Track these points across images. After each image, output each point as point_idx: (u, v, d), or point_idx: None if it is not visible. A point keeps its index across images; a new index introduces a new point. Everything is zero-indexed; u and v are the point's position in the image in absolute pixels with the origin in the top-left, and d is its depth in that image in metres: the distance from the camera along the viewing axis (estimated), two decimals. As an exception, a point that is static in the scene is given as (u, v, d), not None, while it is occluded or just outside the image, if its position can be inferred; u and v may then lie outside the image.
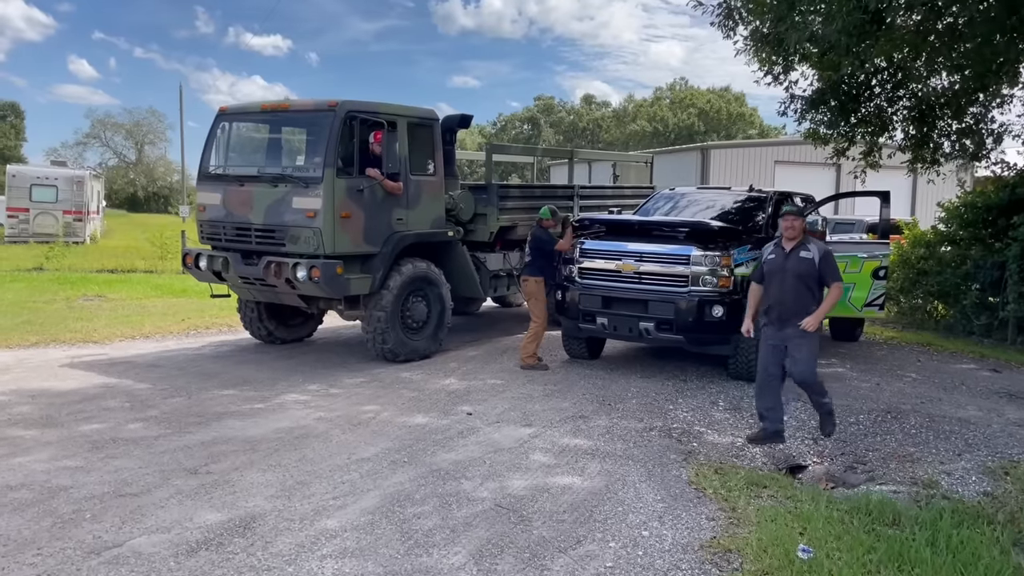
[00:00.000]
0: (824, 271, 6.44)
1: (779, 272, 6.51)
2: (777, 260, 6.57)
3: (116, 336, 10.90)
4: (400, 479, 5.60)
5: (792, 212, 6.62)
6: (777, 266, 6.54)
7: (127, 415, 7.13)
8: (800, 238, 6.51)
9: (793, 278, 6.43)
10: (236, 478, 5.59)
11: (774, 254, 6.63)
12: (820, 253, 6.45)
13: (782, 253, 6.55)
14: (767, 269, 6.64)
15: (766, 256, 6.73)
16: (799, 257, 6.45)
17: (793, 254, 6.48)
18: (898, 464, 6.37)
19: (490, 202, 10.61)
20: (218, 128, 9.81)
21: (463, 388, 8.32)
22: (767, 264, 6.66)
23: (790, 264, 6.47)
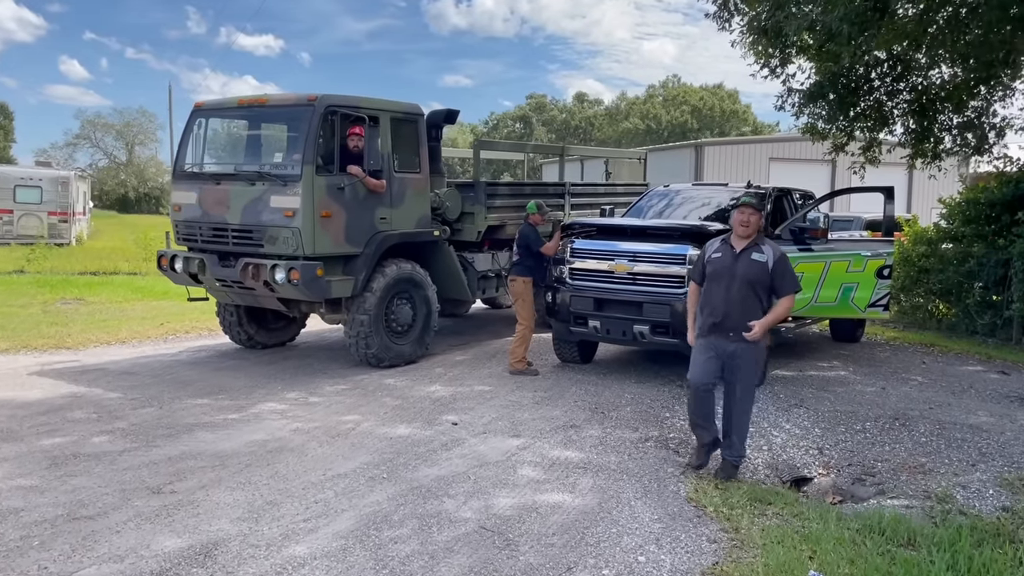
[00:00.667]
0: (778, 279, 5.56)
1: (725, 275, 5.57)
2: (724, 261, 5.63)
3: (91, 342, 10.48)
4: (378, 498, 5.21)
5: (749, 204, 5.62)
6: (723, 268, 5.60)
7: (92, 427, 6.72)
8: (754, 237, 5.63)
9: (742, 284, 5.52)
10: (201, 498, 5.19)
11: (720, 252, 5.69)
12: (775, 257, 5.57)
13: (730, 253, 5.63)
14: (711, 270, 5.68)
15: (710, 254, 5.77)
16: (751, 260, 5.55)
17: (744, 255, 5.58)
18: (909, 476, 6.00)
19: (478, 200, 10.22)
20: (194, 124, 9.39)
21: (449, 395, 7.93)
22: (711, 264, 5.70)
23: (740, 267, 5.55)
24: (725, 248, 5.68)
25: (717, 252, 5.71)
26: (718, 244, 5.78)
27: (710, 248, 5.82)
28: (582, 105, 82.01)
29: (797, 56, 12.84)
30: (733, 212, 5.72)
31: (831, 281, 8.77)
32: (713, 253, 5.74)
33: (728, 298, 5.54)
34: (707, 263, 5.74)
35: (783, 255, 5.62)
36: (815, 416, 7.38)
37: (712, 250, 5.77)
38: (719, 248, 5.73)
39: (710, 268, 5.69)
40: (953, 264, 12.58)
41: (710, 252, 5.78)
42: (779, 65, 12.82)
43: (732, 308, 5.54)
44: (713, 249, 5.77)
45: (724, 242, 5.73)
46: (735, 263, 5.57)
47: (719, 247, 5.74)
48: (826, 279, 8.74)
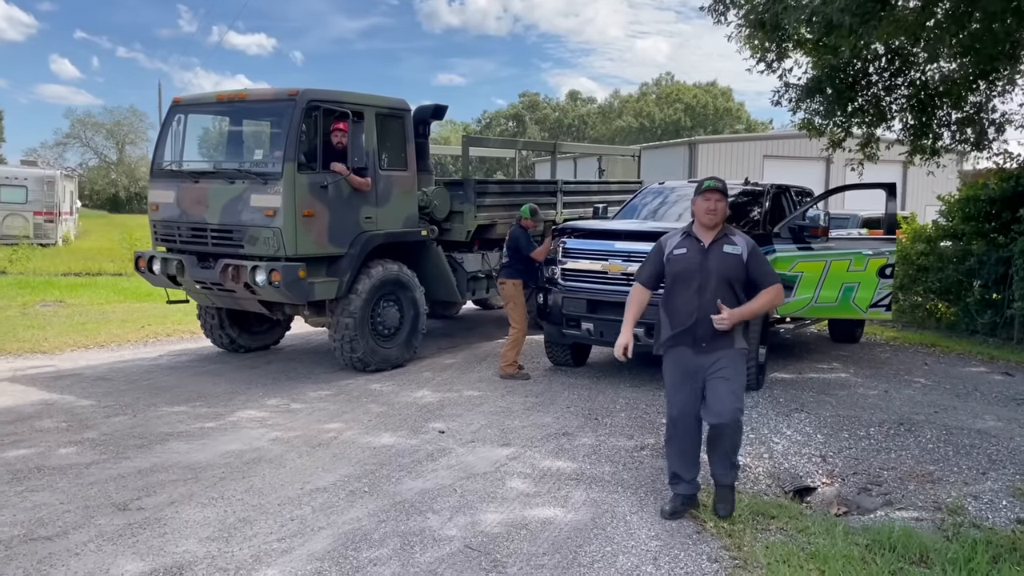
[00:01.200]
0: (756, 270, 4.81)
1: (696, 274, 4.77)
2: (690, 257, 4.81)
3: (68, 345, 10.15)
4: (358, 514, 4.91)
5: (714, 188, 4.83)
6: (691, 265, 4.79)
7: (61, 437, 6.40)
8: (722, 227, 4.86)
9: (718, 282, 4.74)
10: (170, 515, 4.88)
11: (685, 248, 4.85)
12: (748, 247, 4.84)
13: (697, 247, 4.82)
14: (675, 269, 4.85)
15: (671, 250, 4.90)
16: (723, 253, 4.78)
17: (715, 249, 4.80)
18: (917, 485, 5.72)
19: (467, 199, 9.91)
20: (172, 120, 9.07)
21: (436, 401, 7.63)
22: (675, 262, 4.85)
23: (712, 262, 4.76)
24: (690, 243, 4.85)
25: (680, 248, 4.86)
26: (678, 239, 4.90)
27: (669, 243, 4.93)
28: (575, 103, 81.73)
29: (794, 50, 12.56)
30: (696, 199, 4.85)
31: (831, 281, 8.49)
32: (675, 249, 4.87)
33: (702, 301, 4.73)
34: (668, 261, 4.88)
35: (755, 244, 4.88)
36: (817, 421, 7.10)
37: (672, 246, 4.90)
38: (681, 243, 4.88)
39: (674, 267, 4.85)
40: (953, 262, 12.33)
41: (670, 248, 4.90)
42: (776, 60, 12.53)
43: (707, 312, 4.73)
44: (674, 244, 4.90)
45: (687, 236, 4.88)
46: (705, 259, 4.77)
47: (680, 242, 4.88)
48: (826, 279, 8.46)
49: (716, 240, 4.80)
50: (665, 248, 4.92)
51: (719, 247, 4.78)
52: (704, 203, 4.80)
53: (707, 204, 4.79)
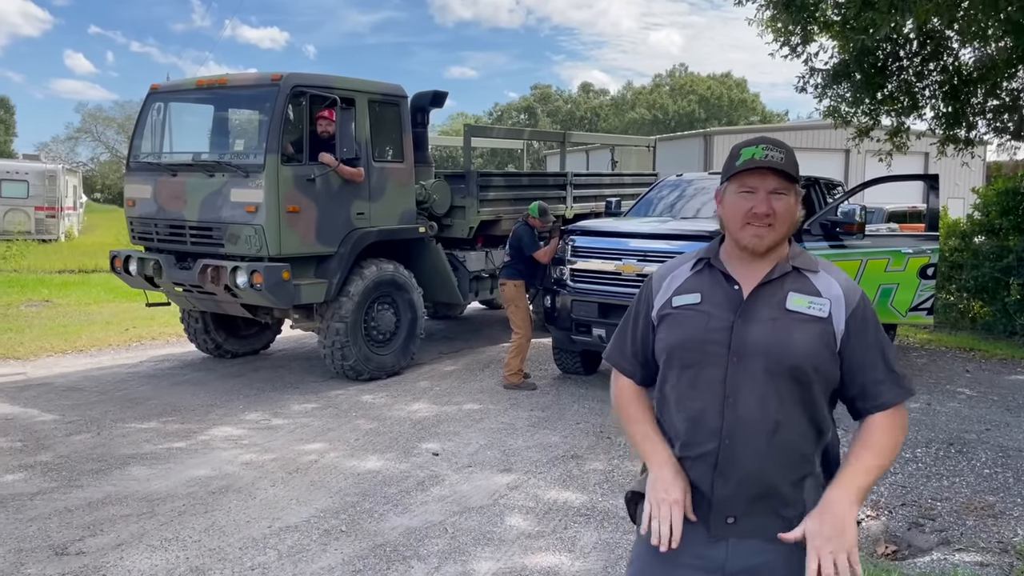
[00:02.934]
0: (861, 356, 2.03)
1: (719, 352, 2.02)
2: (711, 313, 2.07)
3: (44, 351, 9.50)
4: (330, 561, 4.21)
5: (768, 161, 2.00)
6: (713, 333, 2.04)
7: (11, 460, 5.74)
8: (783, 249, 2.09)
9: (771, 375, 1.98)
10: (113, 561, 4.20)
11: (698, 294, 2.11)
12: (846, 300, 2.03)
13: (726, 294, 2.08)
14: (676, 339, 2.09)
15: (670, 296, 2.15)
16: (786, 312, 2.01)
17: (765, 298, 2.04)
18: (977, 520, 4.98)
19: (469, 192, 9.19)
20: (151, 109, 8.40)
21: (432, 416, 6.92)
22: (675, 323, 2.11)
23: (758, 329, 2.01)
24: (711, 283, 2.13)
25: (689, 294, 2.14)
26: (687, 272, 2.19)
27: (666, 282, 2.20)
28: (587, 95, 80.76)
29: (820, 33, 11.77)
30: (728, 186, 2.08)
31: (868, 282, 7.72)
32: (677, 295, 2.15)
33: (734, 418, 2.00)
34: (662, 322, 2.15)
35: (863, 295, 2.08)
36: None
37: (673, 288, 2.18)
38: (692, 282, 2.16)
39: (673, 334, 2.11)
40: (989, 259, 11.54)
41: (668, 291, 2.17)
42: (800, 43, 11.75)
43: (745, 448, 2.00)
44: (677, 285, 2.18)
45: (705, 267, 2.16)
46: (744, 321, 2.03)
47: (691, 279, 2.16)
48: (861, 280, 7.69)
49: (770, 281, 2.05)
50: (657, 293, 2.19)
51: (776, 296, 2.04)
52: (743, 199, 2.03)
53: (751, 200, 2.02)
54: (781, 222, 2.01)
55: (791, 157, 2.04)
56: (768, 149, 2.02)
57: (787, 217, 2.02)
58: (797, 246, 2.13)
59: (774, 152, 2.02)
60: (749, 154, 2.02)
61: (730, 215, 2.06)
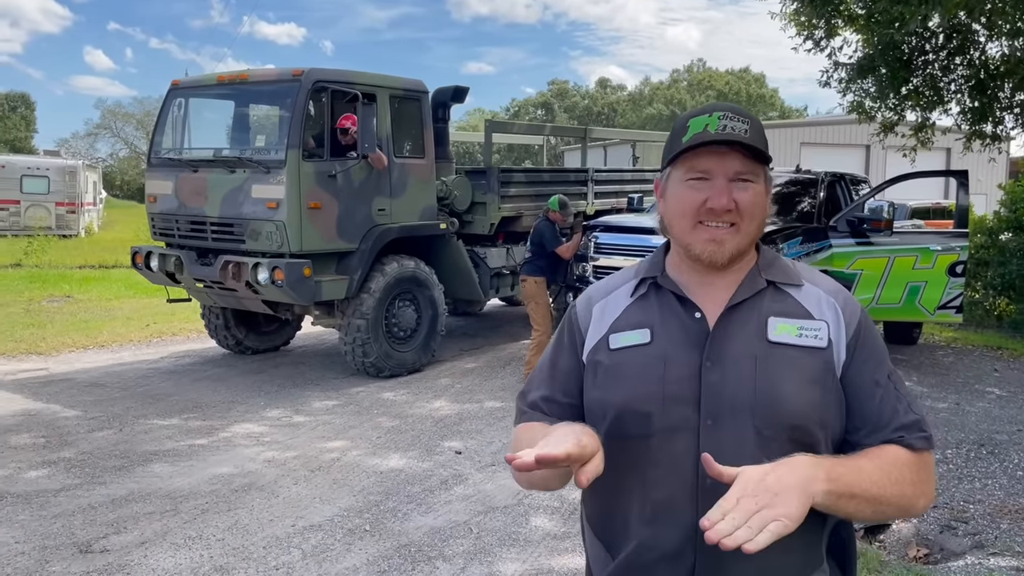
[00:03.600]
0: (866, 391, 1.45)
1: (685, 411, 1.41)
2: (668, 356, 1.45)
3: (66, 346, 9.53)
4: (355, 561, 4.17)
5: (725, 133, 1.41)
6: (673, 387, 1.42)
7: (34, 457, 5.74)
8: (752, 254, 1.52)
9: (762, 441, 1.38)
10: (137, 560, 4.17)
11: (647, 330, 1.48)
12: (844, 321, 1.47)
13: (685, 326, 1.47)
14: (621, 397, 1.45)
15: (607, 333, 1.52)
16: (771, 345, 1.43)
17: (740, 321, 1.46)
18: (1011, 523, 4.87)
19: (490, 188, 9.12)
20: (171, 105, 8.39)
21: (454, 414, 6.88)
22: (616, 374, 1.47)
23: (735, 374, 1.41)
24: (662, 307, 1.51)
25: (633, 328, 1.50)
26: (627, 297, 1.56)
27: (600, 307, 1.57)
28: (604, 91, 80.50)
29: (844, 27, 11.61)
30: (669, 171, 1.50)
31: (895, 279, 7.62)
32: (618, 331, 1.51)
33: (705, 502, 1.29)
34: (600, 369, 1.51)
35: (863, 309, 1.53)
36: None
37: (612, 317, 1.54)
38: (636, 310, 1.53)
39: (619, 392, 1.47)
40: (1016, 256, 11.39)
41: (603, 326, 1.54)
42: (824, 37, 11.59)
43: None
44: (616, 315, 1.54)
45: (653, 287, 1.54)
46: (718, 362, 1.43)
47: (633, 307, 1.54)
48: (889, 277, 7.60)
49: (741, 302, 1.48)
50: (587, 327, 1.57)
51: (752, 323, 1.46)
52: (693, 189, 1.46)
53: (704, 190, 1.44)
54: (748, 219, 1.43)
55: (757, 128, 1.45)
56: (726, 118, 1.42)
57: (755, 212, 1.44)
58: (769, 250, 1.55)
59: (734, 122, 1.42)
60: (700, 125, 1.42)
61: (675, 212, 1.47)
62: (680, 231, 1.48)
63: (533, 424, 1.54)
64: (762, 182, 1.47)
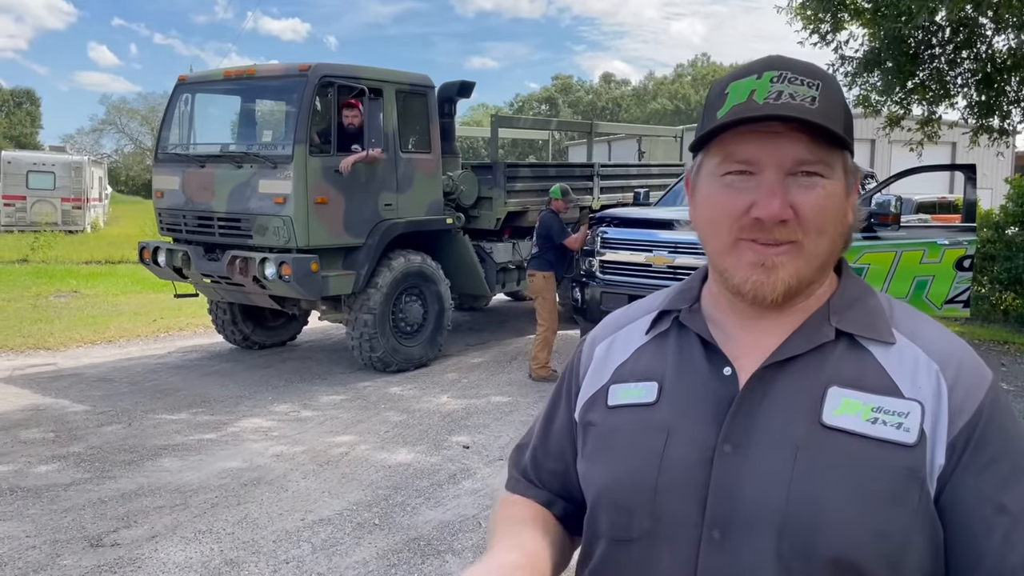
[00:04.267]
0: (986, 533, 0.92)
1: (687, 510, 0.98)
2: (681, 429, 1.01)
3: (73, 341, 9.56)
4: (364, 555, 4.19)
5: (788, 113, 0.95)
6: (682, 467, 0.99)
7: (44, 451, 5.76)
8: (820, 289, 1.04)
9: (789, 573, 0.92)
10: (148, 553, 4.20)
11: (654, 381, 1.07)
12: (970, 398, 0.95)
13: (711, 380, 1.02)
14: (608, 482, 1.05)
15: (601, 381, 1.13)
16: (828, 428, 0.95)
17: (786, 387, 0.99)
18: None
19: (496, 183, 9.13)
20: (178, 101, 8.40)
21: (461, 408, 6.89)
22: (611, 437, 1.07)
23: (767, 469, 0.95)
24: (680, 354, 1.08)
25: (639, 379, 1.08)
26: (642, 335, 1.13)
27: (607, 345, 1.16)
28: (609, 86, 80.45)
29: (850, 21, 11.60)
30: (701, 159, 1.04)
31: (902, 274, 7.60)
32: (622, 381, 1.10)
33: None
34: (591, 431, 1.10)
35: (993, 384, 0.98)
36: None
37: (619, 359, 1.13)
38: (648, 352, 1.11)
39: (604, 469, 1.07)
40: (1023, 251, 11.35)
41: (607, 370, 1.13)
42: (830, 31, 11.58)
43: None
44: (624, 357, 1.13)
45: (675, 324, 1.10)
46: (742, 449, 0.97)
47: (647, 348, 1.11)
48: (896, 272, 7.58)
49: (791, 359, 1.00)
50: (587, 369, 1.17)
51: (803, 391, 0.98)
52: (731, 189, 0.99)
53: (747, 191, 0.98)
54: (815, 234, 0.97)
55: (832, 94, 0.98)
56: (781, 80, 0.97)
57: (826, 223, 0.98)
58: (855, 281, 1.07)
59: (795, 86, 0.96)
60: (743, 92, 0.97)
61: (706, 222, 1.03)
62: (714, 250, 1.02)
63: (515, 501, 1.22)
64: (839, 176, 0.99)
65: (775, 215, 0.95)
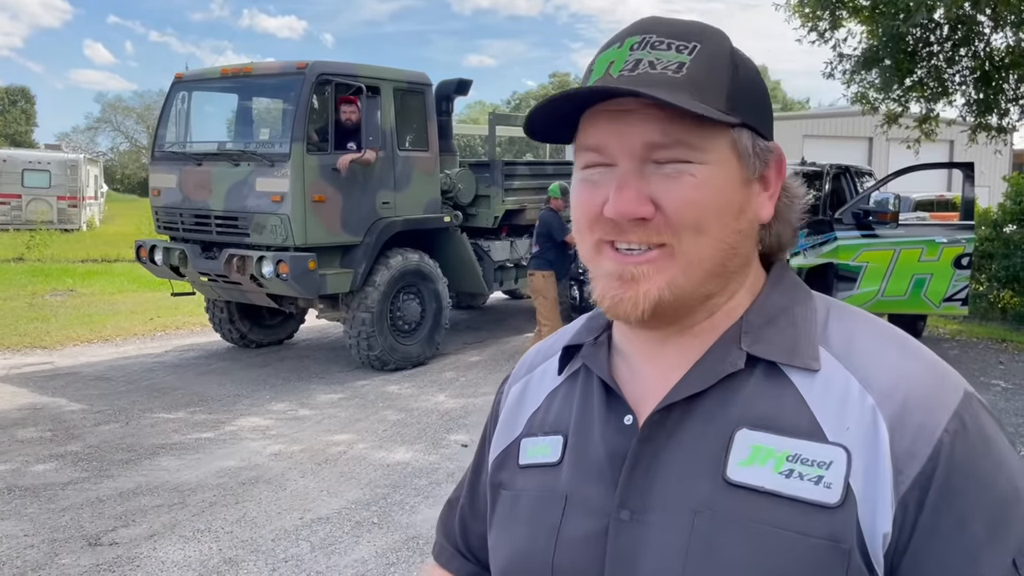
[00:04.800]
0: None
1: None
2: (579, 495, 0.83)
3: (70, 340, 9.53)
4: (363, 554, 4.18)
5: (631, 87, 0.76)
6: (575, 545, 0.82)
7: (42, 450, 5.74)
8: (733, 303, 0.84)
9: None
10: (146, 553, 4.18)
11: (559, 435, 0.89)
12: (923, 439, 0.72)
13: (610, 432, 0.84)
14: (505, 563, 0.88)
15: (514, 433, 0.95)
16: (733, 485, 0.75)
17: (685, 433, 0.79)
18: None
19: (494, 181, 9.12)
20: (175, 99, 8.38)
21: (459, 407, 6.88)
22: (513, 507, 0.90)
23: (665, 540, 0.76)
24: (585, 401, 0.89)
25: (547, 432, 0.91)
26: (555, 375, 0.95)
27: (523, 385, 0.99)
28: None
29: (848, 19, 11.60)
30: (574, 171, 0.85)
31: (901, 272, 7.62)
32: (531, 435, 0.93)
33: None
34: (500, 495, 0.93)
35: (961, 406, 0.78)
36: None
37: (533, 405, 0.95)
38: (559, 398, 0.93)
39: (504, 548, 0.90)
40: (1021, 249, 11.36)
41: (520, 420, 0.95)
42: (828, 28, 11.58)
43: None
44: (536, 404, 0.95)
45: (583, 367, 0.91)
46: (639, 516, 0.79)
47: (559, 393, 0.93)
48: (895, 270, 7.60)
49: (689, 398, 0.80)
50: (500, 416, 1.01)
51: (706, 438, 0.79)
52: (587, 184, 0.83)
53: (600, 185, 0.81)
54: (691, 232, 0.79)
55: (716, 59, 0.81)
56: (642, 47, 0.80)
57: (704, 217, 0.79)
58: (783, 286, 0.86)
59: (657, 51, 0.80)
60: (604, 64, 0.82)
61: (576, 223, 0.86)
62: (584, 258, 0.86)
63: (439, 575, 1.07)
64: (723, 161, 0.79)
65: (624, 212, 0.77)
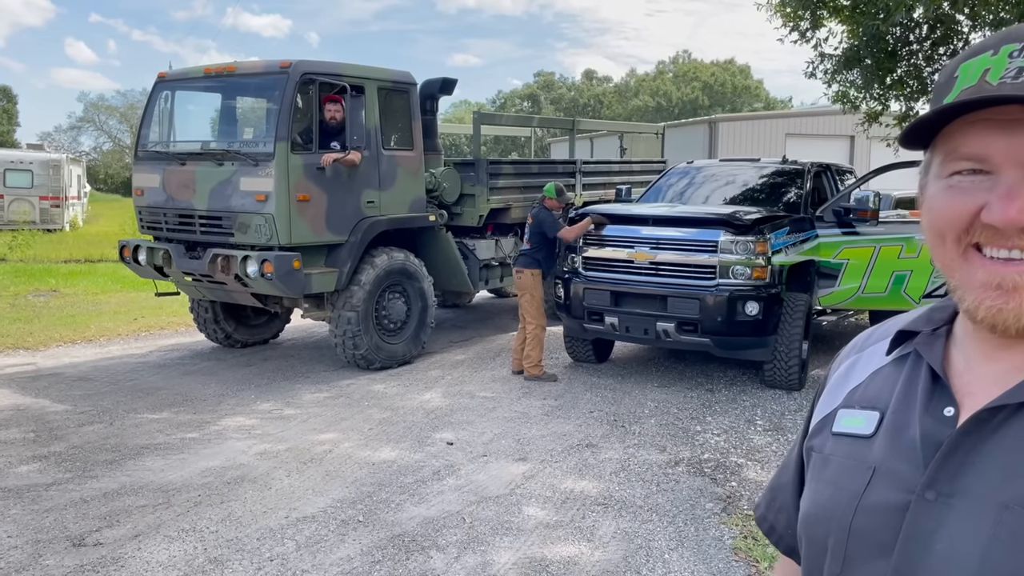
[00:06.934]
0: None
1: (873, 566, 0.87)
2: (887, 468, 0.89)
3: (53, 340, 9.48)
4: (348, 552, 4.20)
5: None
6: (876, 513, 0.88)
7: (25, 451, 5.72)
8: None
9: None
10: (131, 553, 4.18)
11: (876, 411, 0.95)
12: None
13: (928, 419, 0.88)
14: (808, 513, 0.97)
15: (834, 403, 1.02)
16: None
17: (1012, 436, 0.81)
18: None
19: (479, 180, 9.14)
20: (158, 98, 8.35)
21: (445, 406, 6.90)
22: (823, 466, 0.97)
23: (968, 532, 0.80)
24: (909, 385, 0.94)
25: (864, 407, 0.97)
26: (882, 355, 1.01)
27: (850, 364, 1.07)
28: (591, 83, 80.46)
29: (829, 18, 11.68)
30: (930, 157, 0.89)
31: (881, 268, 7.69)
32: (850, 406, 0.99)
33: None
34: (813, 456, 1.01)
35: None
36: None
37: (856, 380, 1.02)
38: (882, 378, 0.99)
39: (809, 500, 0.98)
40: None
41: (841, 391, 1.03)
42: (809, 28, 11.65)
43: None
44: (861, 379, 1.02)
45: (914, 353, 0.96)
46: (942, 501, 0.83)
47: (883, 373, 0.99)
48: (875, 267, 7.67)
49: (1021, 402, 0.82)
50: (824, 389, 1.09)
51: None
52: (955, 192, 0.84)
53: (978, 193, 0.82)
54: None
55: None
56: (1022, 55, 0.79)
57: None
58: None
59: None
60: (974, 73, 0.82)
61: (930, 230, 0.88)
62: (941, 265, 0.87)
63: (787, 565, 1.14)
64: None
65: (1013, 220, 0.77)
